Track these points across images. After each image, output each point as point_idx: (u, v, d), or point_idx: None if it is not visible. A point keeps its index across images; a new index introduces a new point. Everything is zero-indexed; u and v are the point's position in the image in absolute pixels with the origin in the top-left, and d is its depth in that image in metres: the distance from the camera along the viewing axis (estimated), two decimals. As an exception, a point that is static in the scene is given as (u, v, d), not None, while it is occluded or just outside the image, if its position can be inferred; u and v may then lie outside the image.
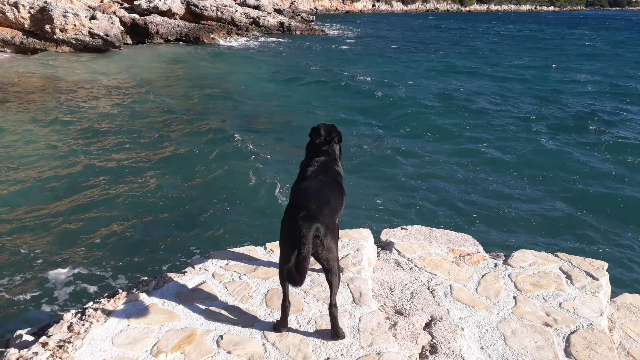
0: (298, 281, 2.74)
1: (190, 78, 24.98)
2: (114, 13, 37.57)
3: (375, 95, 21.98)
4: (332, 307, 2.92)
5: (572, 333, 3.26)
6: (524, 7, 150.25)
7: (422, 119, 18.19)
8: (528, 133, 16.73)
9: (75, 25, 31.77)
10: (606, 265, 4.16)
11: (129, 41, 37.39)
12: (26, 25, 31.57)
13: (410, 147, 14.83)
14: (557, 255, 4.31)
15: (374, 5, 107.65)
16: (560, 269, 4.07)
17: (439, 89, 24.01)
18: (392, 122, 17.82)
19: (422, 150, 14.63)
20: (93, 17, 33.04)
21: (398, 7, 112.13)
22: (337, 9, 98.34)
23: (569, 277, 3.95)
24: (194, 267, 3.77)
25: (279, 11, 58.60)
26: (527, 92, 24.06)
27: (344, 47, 42.23)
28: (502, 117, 18.95)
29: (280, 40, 45.12)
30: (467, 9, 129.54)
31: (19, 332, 3.27)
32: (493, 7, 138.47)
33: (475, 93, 23.42)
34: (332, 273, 2.89)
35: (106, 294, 3.44)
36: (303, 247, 2.67)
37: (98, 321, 3.11)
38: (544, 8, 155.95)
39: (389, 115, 18.84)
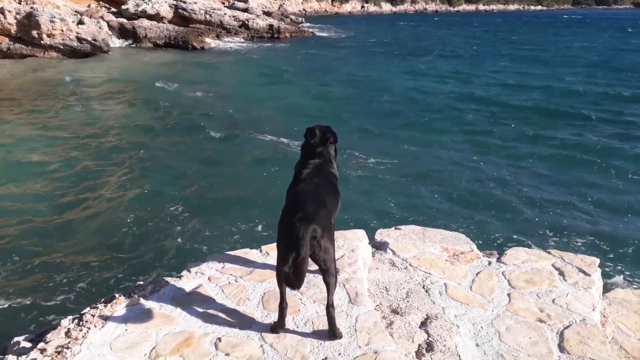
0: (296, 285, 2.77)
1: (181, 82, 24.88)
2: (102, 17, 37.38)
3: (367, 95, 22.05)
4: (330, 307, 2.94)
5: (565, 328, 3.31)
6: (512, 7, 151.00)
7: (413, 119, 18.29)
8: (517, 131, 16.89)
9: (62, 31, 31.55)
10: (598, 261, 4.22)
11: (117, 45, 37.21)
12: (13, 31, 31.32)
13: (402, 147, 14.90)
14: (549, 252, 4.37)
15: (362, 7, 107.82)
16: (552, 265, 4.13)
17: (429, 90, 24.16)
18: (383, 122, 17.89)
19: (414, 150, 14.71)
20: (80, 22, 32.82)
21: (387, 8, 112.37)
22: (326, 10, 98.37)
23: (561, 273, 4.00)
24: (190, 271, 3.78)
25: (267, 14, 58.54)
26: (513, 93, 24.25)
27: (333, 48, 42.30)
28: (491, 118, 19.09)
29: (269, 42, 45.10)
30: (456, 9, 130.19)
31: (16, 338, 3.26)
32: (481, 7, 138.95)
33: (463, 93, 23.57)
34: (329, 274, 2.91)
35: (103, 299, 3.44)
36: (301, 248, 2.69)
37: (96, 326, 3.11)
38: (532, 7, 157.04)
39: (380, 115, 18.92)
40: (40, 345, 2.96)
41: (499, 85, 25.85)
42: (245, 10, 53.14)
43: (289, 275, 2.75)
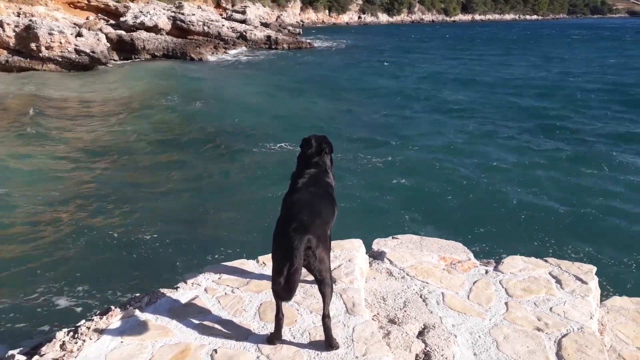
0: (285, 296, 2.75)
1: (180, 94, 24.94)
2: (100, 30, 37.58)
3: (362, 106, 22.11)
4: (326, 317, 2.92)
5: (563, 337, 3.29)
6: (508, 17, 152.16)
7: (409, 130, 18.34)
8: (513, 142, 16.94)
9: (61, 43, 31.70)
10: (595, 268, 4.20)
11: (116, 58, 37.36)
12: (11, 44, 31.46)
13: (399, 157, 14.92)
14: (546, 261, 4.35)
15: (360, 17, 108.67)
16: (550, 273, 4.12)
17: (425, 102, 24.26)
18: (378, 133, 17.93)
19: (410, 160, 14.73)
20: (79, 34, 32.99)
21: (384, 18, 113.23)
22: (323, 21, 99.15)
23: (558, 281, 3.99)
24: (186, 282, 3.75)
25: (265, 25, 58.93)
26: (513, 101, 24.36)
27: (330, 59, 42.50)
28: (488, 129, 19.14)
29: (267, 53, 45.33)
30: (452, 19, 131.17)
31: (11, 352, 3.23)
32: (477, 17, 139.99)
33: (459, 106, 23.67)
34: (324, 284, 2.89)
35: (99, 311, 3.42)
36: (294, 259, 2.67)
37: (91, 339, 3.09)
38: (527, 17, 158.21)
39: (375, 126, 18.97)
40: (35, 358, 2.94)
41: (494, 98, 25.96)
42: (243, 21, 53.55)
43: (278, 289, 2.74)
